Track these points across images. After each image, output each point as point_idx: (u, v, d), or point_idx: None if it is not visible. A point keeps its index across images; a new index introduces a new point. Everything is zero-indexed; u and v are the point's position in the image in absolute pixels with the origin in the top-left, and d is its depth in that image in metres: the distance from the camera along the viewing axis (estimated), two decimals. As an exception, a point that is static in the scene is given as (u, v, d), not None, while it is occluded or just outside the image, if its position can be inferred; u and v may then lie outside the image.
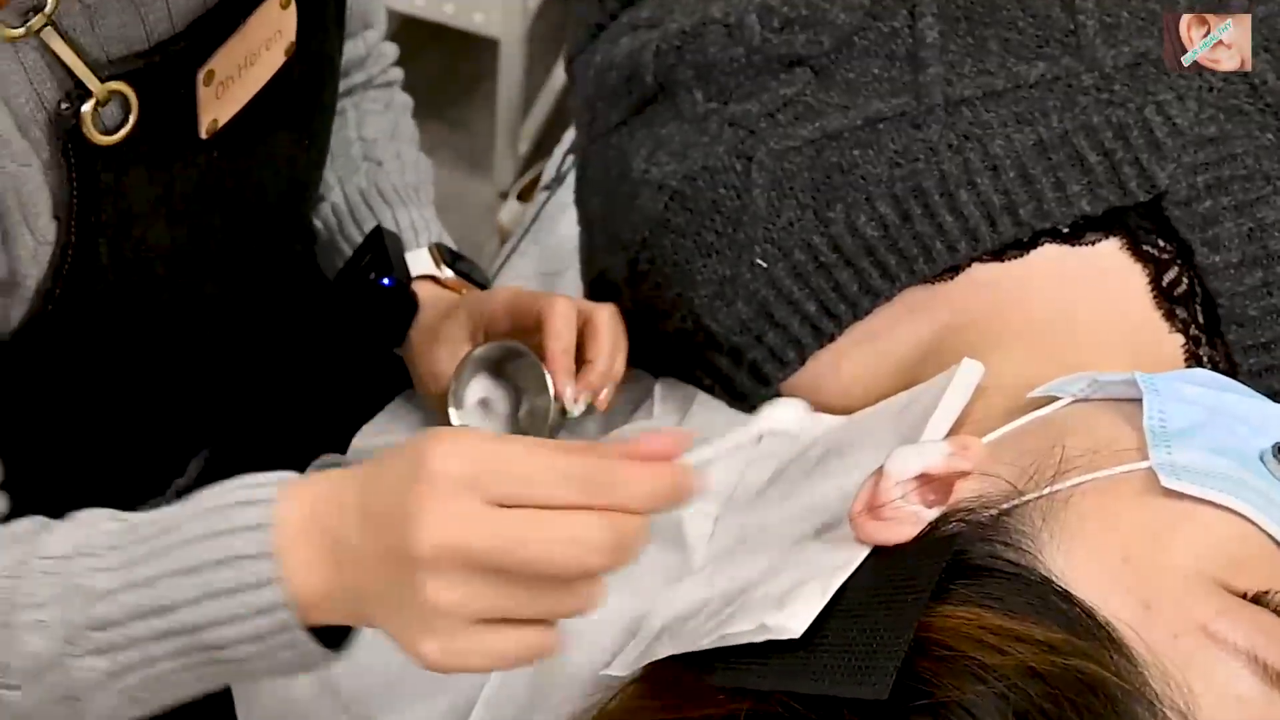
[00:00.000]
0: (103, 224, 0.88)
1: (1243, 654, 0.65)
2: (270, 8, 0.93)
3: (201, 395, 1.14)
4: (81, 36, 0.83)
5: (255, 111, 0.96)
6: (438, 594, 0.68)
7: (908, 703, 0.64)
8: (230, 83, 0.92)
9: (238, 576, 0.73)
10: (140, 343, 1.00)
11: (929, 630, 0.66)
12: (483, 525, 0.68)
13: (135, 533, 0.77)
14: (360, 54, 1.25)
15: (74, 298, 0.90)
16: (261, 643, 0.74)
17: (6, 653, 0.76)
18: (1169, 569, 0.68)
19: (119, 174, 0.88)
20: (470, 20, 2.47)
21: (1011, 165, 0.90)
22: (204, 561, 0.74)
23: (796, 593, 0.72)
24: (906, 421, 0.84)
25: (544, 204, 1.46)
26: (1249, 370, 0.88)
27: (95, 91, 0.83)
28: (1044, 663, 0.63)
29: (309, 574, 0.73)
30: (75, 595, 0.75)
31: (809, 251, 0.93)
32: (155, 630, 0.75)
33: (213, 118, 0.92)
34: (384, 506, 0.71)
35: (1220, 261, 0.88)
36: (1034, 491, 0.72)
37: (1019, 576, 0.68)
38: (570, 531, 0.67)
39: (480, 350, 1.07)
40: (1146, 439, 0.73)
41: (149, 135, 0.88)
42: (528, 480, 0.68)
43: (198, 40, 0.88)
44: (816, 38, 0.96)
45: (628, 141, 1.03)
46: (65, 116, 0.83)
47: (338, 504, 0.74)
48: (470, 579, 0.68)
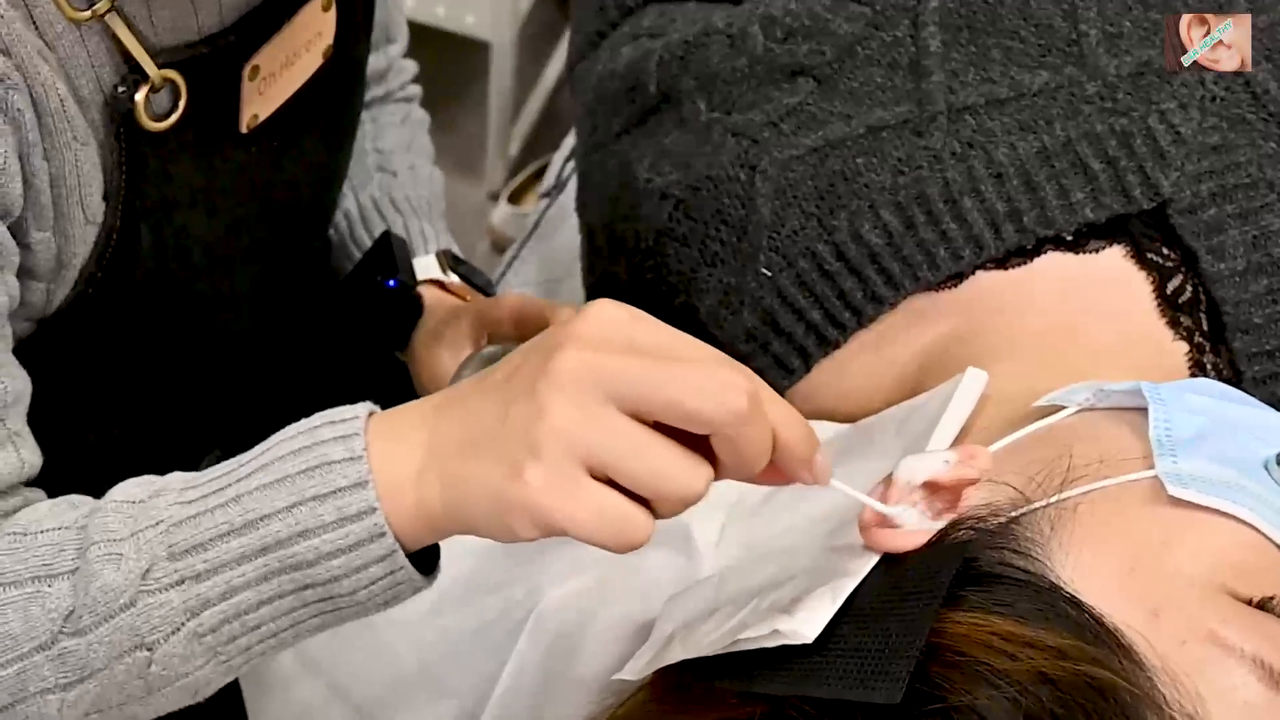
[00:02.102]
0: (147, 209, 0.91)
1: (1249, 659, 0.66)
2: (313, 9, 0.95)
3: (220, 389, 1.15)
4: (140, 24, 0.85)
5: (291, 110, 0.98)
6: (562, 413, 0.65)
7: (920, 707, 0.64)
8: (272, 79, 0.95)
9: (329, 480, 0.70)
10: (169, 332, 1.02)
11: (940, 636, 0.66)
12: (631, 353, 0.65)
13: (217, 469, 0.74)
14: (382, 67, 1.27)
15: (114, 281, 0.92)
16: (353, 555, 0.71)
17: (78, 596, 0.73)
18: (1176, 576, 0.69)
19: (165, 161, 0.90)
20: (461, 22, 2.48)
21: (1015, 173, 0.90)
22: (292, 472, 0.71)
23: (808, 599, 0.72)
24: (912, 430, 0.84)
25: (545, 211, 1.47)
26: (1253, 377, 0.88)
27: (152, 76, 0.86)
28: (1054, 668, 0.63)
29: (400, 456, 0.71)
30: (153, 526, 0.72)
31: (813, 259, 0.93)
32: (239, 551, 0.71)
33: (254, 113, 0.95)
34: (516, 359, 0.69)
35: (1225, 269, 0.88)
36: (1042, 500, 0.72)
37: (1028, 583, 0.68)
38: (716, 372, 0.65)
39: (486, 350, 1.08)
40: (1152, 448, 0.73)
41: (195, 125, 0.91)
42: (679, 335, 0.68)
43: (245, 35, 0.91)
44: (819, 47, 0.96)
45: (630, 150, 1.03)
46: (121, 99, 0.85)
47: (449, 388, 0.73)
48: (601, 406, 0.65)
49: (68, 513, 0.77)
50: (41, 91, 0.80)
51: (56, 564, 0.74)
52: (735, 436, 0.65)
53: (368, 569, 0.71)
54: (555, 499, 0.65)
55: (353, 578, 0.71)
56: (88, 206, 0.87)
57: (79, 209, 0.87)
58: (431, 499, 0.70)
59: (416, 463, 0.70)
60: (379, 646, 1.01)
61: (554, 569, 0.96)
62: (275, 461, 0.72)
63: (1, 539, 0.76)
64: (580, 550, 0.95)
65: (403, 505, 0.70)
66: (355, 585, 0.72)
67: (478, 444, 0.68)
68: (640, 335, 0.67)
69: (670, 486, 0.66)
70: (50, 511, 0.78)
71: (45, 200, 0.84)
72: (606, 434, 0.65)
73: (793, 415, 0.68)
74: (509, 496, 0.66)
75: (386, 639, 1.01)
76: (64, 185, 0.85)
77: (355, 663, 1.01)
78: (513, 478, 0.65)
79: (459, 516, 0.69)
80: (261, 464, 0.72)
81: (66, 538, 0.75)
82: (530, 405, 0.65)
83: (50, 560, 0.74)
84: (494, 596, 0.97)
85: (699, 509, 0.91)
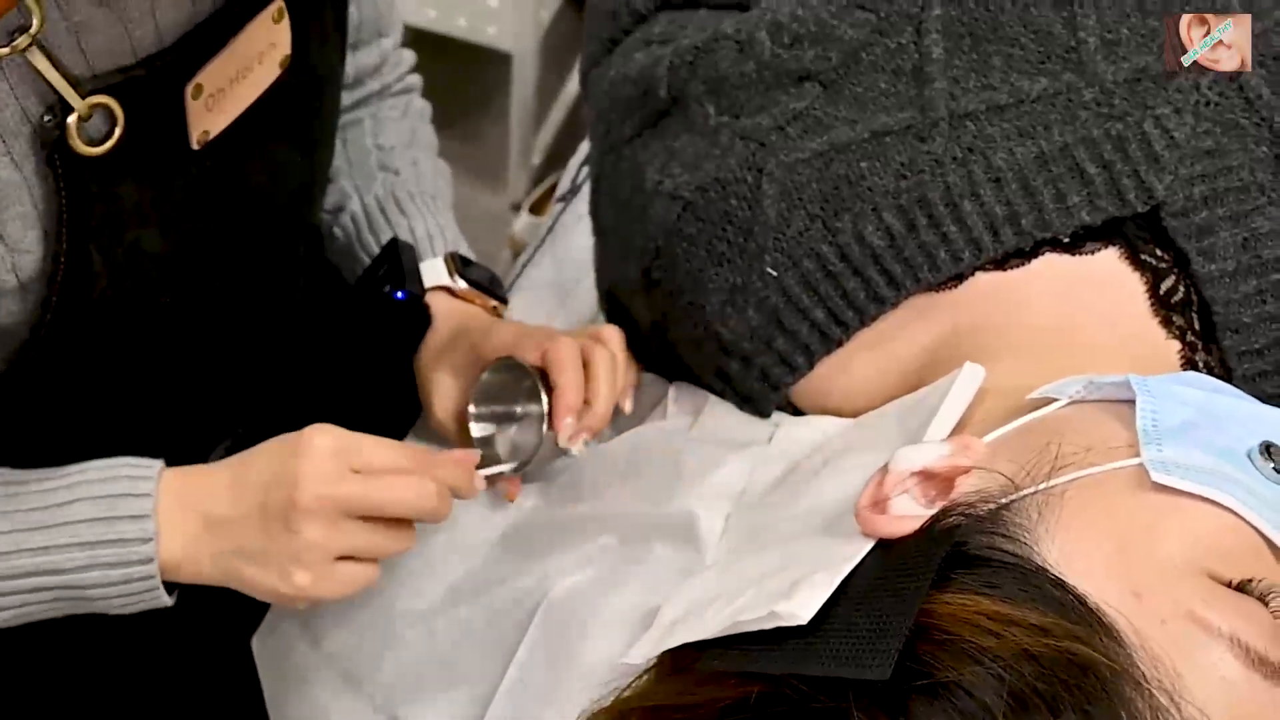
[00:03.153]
0: (93, 230, 0.89)
1: (1227, 638, 0.67)
2: (262, 22, 0.94)
3: (216, 391, 1.16)
4: (66, 54, 0.83)
5: (250, 122, 0.97)
6: (315, 534, 0.94)
7: (909, 683, 0.66)
8: (221, 95, 0.93)
9: (121, 554, 0.94)
10: (149, 343, 1.01)
11: (929, 616, 0.68)
12: (350, 481, 0.94)
13: (25, 501, 0.95)
14: (374, 62, 1.25)
15: (71, 303, 0.91)
16: (128, 597, 0.97)
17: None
18: (1158, 559, 0.70)
19: (108, 183, 0.89)
20: (483, 34, 2.47)
21: (1014, 177, 0.91)
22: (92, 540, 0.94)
23: (804, 582, 0.74)
24: (910, 423, 0.86)
25: (559, 215, 1.46)
26: (1243, 375, 0.90)
27: (77, 107, 0.84)
28: (1038, 645, 0.65)
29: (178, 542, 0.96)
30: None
31: (817, 260, 0.94)
32: (38, 586, 0.94)
33: (204, 129, 0.93)
34: (261, 477, 0.95)
35: (1216, 270, 0.89)
36: (1031, 487, 0.74)
37: (1015, 566, 0.70)
38: (409, 484, 0.96)
39: (487, 377, 1.10)
40: (1139, 437, 0.74)
41: (137, 146, 0.89)
42: (377, 452, 0.97)
43: (185, 55, 0.89)
44: (825, 53, 0.97)
45: (641, 154, 1.04)
46: (49, 129, 0.84)
47: (206, 490, 0.97)
48: (340, 521, 0.94)
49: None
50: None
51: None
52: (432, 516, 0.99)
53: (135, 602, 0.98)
54: (322, 588, 0.96)
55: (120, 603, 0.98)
56: (8, 236, 0.86)
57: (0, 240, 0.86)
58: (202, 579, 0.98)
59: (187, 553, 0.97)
60: (393, 637, 1.02)
61: (562, 562, 0.98)
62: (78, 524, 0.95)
63: None
64: (587, 545, 0.98)
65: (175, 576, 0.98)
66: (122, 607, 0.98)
67: (246, 554, 0.96)
68: (353, 458, 0.95)
69: (394, 550, 0.99)
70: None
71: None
72: (347, 538, 0.96)
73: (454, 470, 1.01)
74: (285, 594, 0.96)
75: (400, 630, 1.03)
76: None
77: (370, 653, 1.03)
78: (284, 581, 0.95)
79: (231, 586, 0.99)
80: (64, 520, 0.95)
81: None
82: (287, 533, 0.94)
83: None
84: (504, 588, 0.99)
85: (705, 502, 0.93)
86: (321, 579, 0.95)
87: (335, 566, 0.96)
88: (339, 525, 0.94)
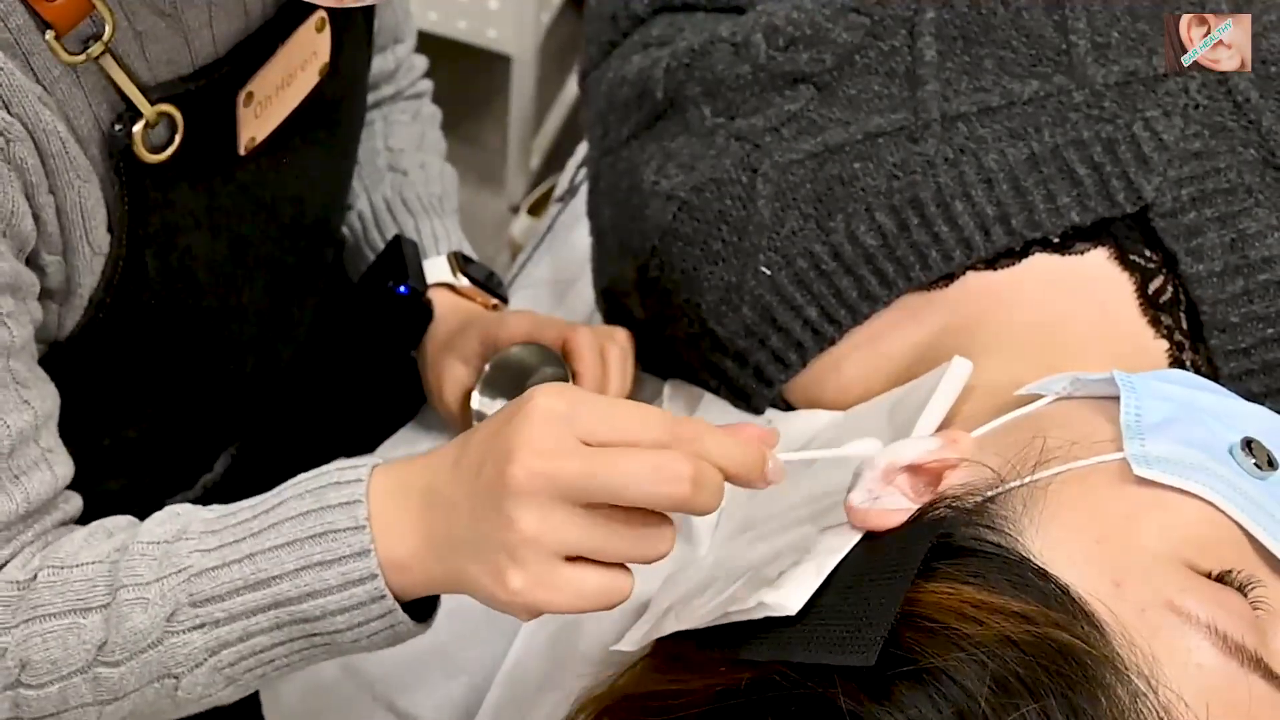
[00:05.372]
0: (150, 236, 0.91)
1: (1204, 627, 0.68)
2: (306, 31, 0.96)
3: (235, 395, 1.16)
4: (134, 62, 0.85)
5: (290, 128, 0.99)
6: (528, 523, 0.72)
7: (894, 670, 0.67)
8: (268, 102, 0.95)
9: (333, 549, 0.79)
10: (182, 346, 1.02)
11: (914, 605, 0.69)
12: (573, 455, 0.71)
13: (233, 517, 0.82)
14: (390, 68, 1.27)
15: (123, 305, 0.93)
16: (355, 613, 0.79)
17: (109, 630, 0.80)
18: (1139, 549, 0.71)
19: (166, 190, 0.90)
20: (483, 36, 2.48)
21: (1005, 178, 0.92)
22: (301, 536, 0.79)
23: (793, 573, 0.75)
24: (900, 417, 0.87)
25: (557, 215, 1.47)
26: (1229, 374, 0.91)
27: (146, 114, 0.86)
28: (1019, 632, 0.66)
29: (399, 533, 0.78)
30: (177, 574, 0.80)
31: (811, 259, 0.95)
32: (253, 604, 0.80)
33: (251, 135, 0.95)
34: (479, 452, 0.75)
35: (1203, 270, 0.90)
36: (1016, 480, 0.75)
37: (999, 556, 0.71)
38: (654, 460, 0.71)
39: (499, 357, 1.11)
40: (1122, 432, 0.75)
41: (193, 153, 0.91)
42: (618, 418, 0.73)
43: (239, 64, 0.91)
44: (819, 56, 0.98)
45: (638, 154, 1.05)
46: (118, 136, 0.86)
47: (430, 467, 0.79)
48: (559, 509, 0.72)
49: (102, 544, 0.84)
50: (43, 137, 0.81)
51: (90, 599, 0.82)
52: (683, 507, 0.72)
53: (369, 624, 0.80)
54: (540, 595, 0.73)
55: (355, 630, 0.80)
56: (93, 240, 0.88)
57: (84, 243, 0.87)
58: (433, 580, 0.79)
59: (412, 545, 0.78)
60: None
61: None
62: (285, 522, 0.80)
63: (44, 570, 0.83)
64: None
65: (405, 579, 0.79)
66: (358, 636, 0.81)
67: (464, 544, 0.76)
68: (581, 426, 0.73)
69: (637, 556, 0.74)
70: (86, 543, 0.85)
71: (53, 229, 0.85)
72: (570, 531, 0.72)
73: (734, 449, 0.74)
74: (501, 599, 0.74)
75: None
76: (68, 218, 0.85)
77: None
78: (498, 582, 0.74)
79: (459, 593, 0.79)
80: (272, 522, 0.81)
81: (99, 573, 0.82)
82: (499, 518, 0.73)
83: (85, 595, 0.82)
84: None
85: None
86: (540, 583, 0.73)
87: (559, 568, 0.73)
88: (560, 513, 0.72)
